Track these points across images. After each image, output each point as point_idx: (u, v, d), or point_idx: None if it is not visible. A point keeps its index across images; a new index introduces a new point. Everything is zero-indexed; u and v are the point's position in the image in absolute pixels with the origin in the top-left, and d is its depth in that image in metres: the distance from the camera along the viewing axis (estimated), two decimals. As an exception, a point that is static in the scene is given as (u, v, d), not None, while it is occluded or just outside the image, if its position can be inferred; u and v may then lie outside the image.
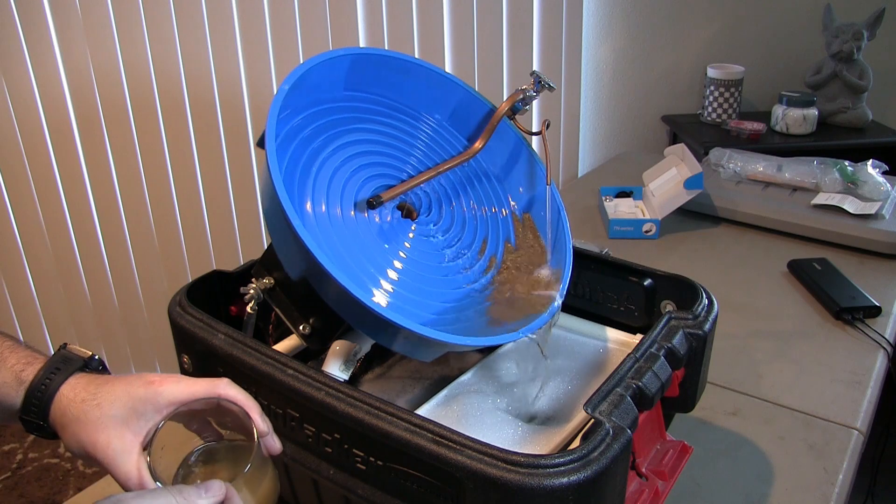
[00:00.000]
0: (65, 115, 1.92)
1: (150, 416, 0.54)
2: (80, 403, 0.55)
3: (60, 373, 0.56)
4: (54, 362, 0.57)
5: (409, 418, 0.55)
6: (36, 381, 0.56)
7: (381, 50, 0.71)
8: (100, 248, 2.10)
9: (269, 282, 0.69)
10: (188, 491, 0.46)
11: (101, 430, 0.53)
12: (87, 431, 0.53)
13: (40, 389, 0.55)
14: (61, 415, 0.55)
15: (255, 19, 1.89)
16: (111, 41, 1.85)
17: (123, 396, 0.55)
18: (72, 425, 0.54)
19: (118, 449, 0.53)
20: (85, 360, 0.59)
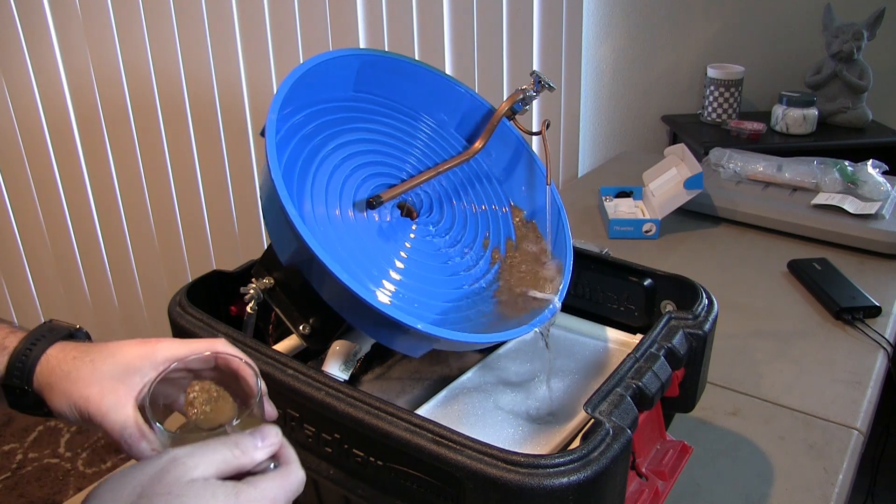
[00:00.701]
0: (65, 115, 1.92)
1: (146, 373, 0.53)
2: (72, 360, 0.53)
3: (45, 339, 0.55)
4: (39, 330, 0.56)
5: (409, 418, 0.55)
6: (20, 346, 0.54)
7: (388, 53, 0.71)
8: (100, 248, 2.10)
9: (269, 282, 0.69)
10: (243, 442, 0.43)
11: (93, 384, 0.52)
12: (78, 387, 0.52)
13: (25, 353, 0.53)
14: (49, 374, 0.53)
15: (255, 19, 1.89)
16: (111, 41, 1.85)
17: (118, 353, 0.53)
18: (61, 383, 0.52)
19: (112, 402, 0.51)
20: (71, 330, 0.57)
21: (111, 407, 0.51)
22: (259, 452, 0.42)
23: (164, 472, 0.38)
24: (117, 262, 2.12)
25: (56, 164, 1.98)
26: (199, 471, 0.38)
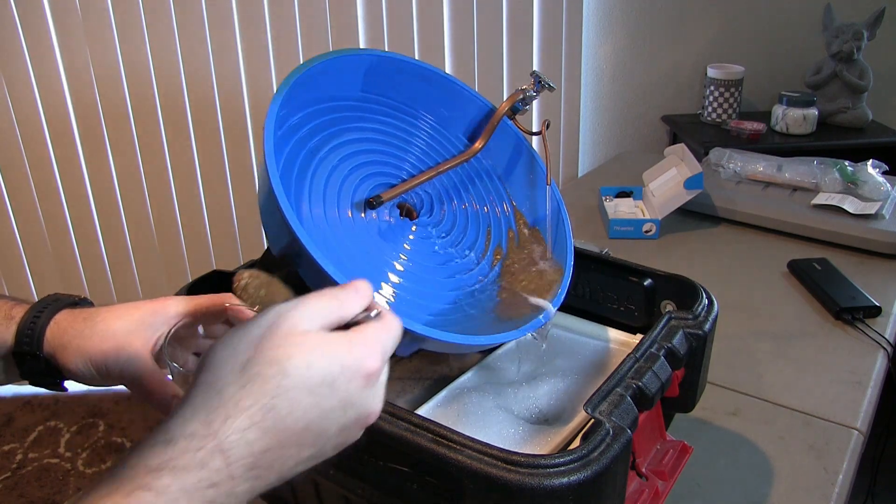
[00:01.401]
0: (65, 115, 1.92)
1: (159, 327, 0.54)
2: (83, 321, 0.54)
3: (52, 307, 0.56)
4: (45, 300, 0.57)
5: (409, 418, 0.55)
6: (28, 314, 0.55)
7: (389, 53, 0.71)
8: (100, 248, 2.10)
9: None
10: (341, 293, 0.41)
11: (108, 339, 0.53)
12: (94, 343, 0.53)
13: (33, 320, 0.54)
14: (60, 336, 0.54)
15: (255, 19, 1.89)
16: (111, 42, 1.85)
17: (131, 310, 0.54)
18: (76, 341, 0.53)
19: (129, 354, 0.52)
20: (75, 299, 0.58)
21: (129, 359, 0.52)
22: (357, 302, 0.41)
23: (274, 328, 0.37)
24: (117, 262, 2.12)
25: (56, 164, 1.97)
26: (306, 323, 0.38)
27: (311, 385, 0.36)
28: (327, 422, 0.37)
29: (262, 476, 0.35)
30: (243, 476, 0.34)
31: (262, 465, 0.35)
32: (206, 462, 0.33)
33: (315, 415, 0.36)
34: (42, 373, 0.55)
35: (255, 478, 0.35)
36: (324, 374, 0.36)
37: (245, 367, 0.36)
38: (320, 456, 0.39)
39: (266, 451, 0.35)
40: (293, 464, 0.37)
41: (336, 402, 0.37)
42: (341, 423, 0.38)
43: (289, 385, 0.35)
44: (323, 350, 0.37)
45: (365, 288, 0.42)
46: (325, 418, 0.37)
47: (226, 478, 0.33)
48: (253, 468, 0.34)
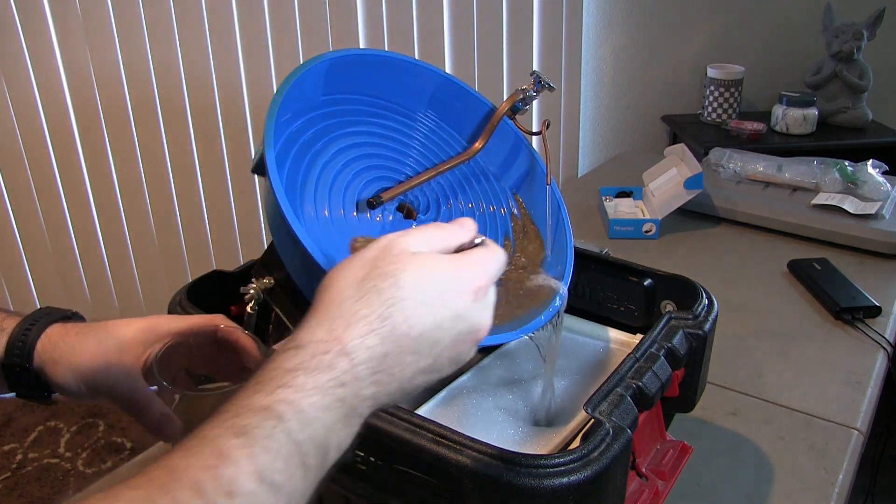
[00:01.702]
0: (65, 116, 1.92)
1: (150, 345, 0.55)
2: (75, 336, 0.54)
3: (44, 320, 0.56)
4: (37, 313, 0.57)
5: (409, 418, 0.55)
6: (19, 327, 0.55)
7: (390, 53, 0.71)
8: (100, 248, 2.10)
9: (269, 282, 0.69)
10: (448, 226, 0.44)
11: (99, 356, 0.53)
12: (84, 360, 0.53)
13: (24, 333, 0.54)
14: (51, 350, 0.54)
15: (255, 20, 1.89)
16: (111, 42, 1.85)
17: (121, 328, 0.55)
18: (66, 357, 0.53)
19: (119, 372, 0.53)
20: (67, 313, 0.58)
21: (119, 375, 0.53)
22: (463, 234, 0.44)
23: (387, 249, 0.40)
24: (117, 262, 2.12)
25: (56, 164, 1.97)
26: (417, 246, 0.41)
27: (423, 297, 0.38)
28: (440, 332, 0.39)
29: (384, 382, 0.38)
30: (367, 378, 0.37)
31: (384, 369, 0.37)
32: (333, 364, 0.36)
33: (428, 324, 0.39)
34: (31, 386, 0.55)
35: (378, 383, 0.37)
36: (435, 287, 0.39)
37: (362, 282, 0.38)
38: (437, 369, 0.40)
39: (385, 357, 0.37)
40: (411, 373, 0.39)
41: (447, 314, 0.39)
42: (453, 334, 0.40)
43: (402, 296, 0.38)
44: (433, 265, 0.40)
45: (470, 223, 0.45)
46: (437, 328, 0.39)
47: (352, 378, 0.36)
48: (375, 372, 0.37)
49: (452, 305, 0.39)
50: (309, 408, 0.34)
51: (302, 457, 0.33)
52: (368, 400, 0.37)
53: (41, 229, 2.03)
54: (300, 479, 0.33)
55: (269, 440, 0.32)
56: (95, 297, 2.15)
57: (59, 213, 2.03)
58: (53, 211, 2.02)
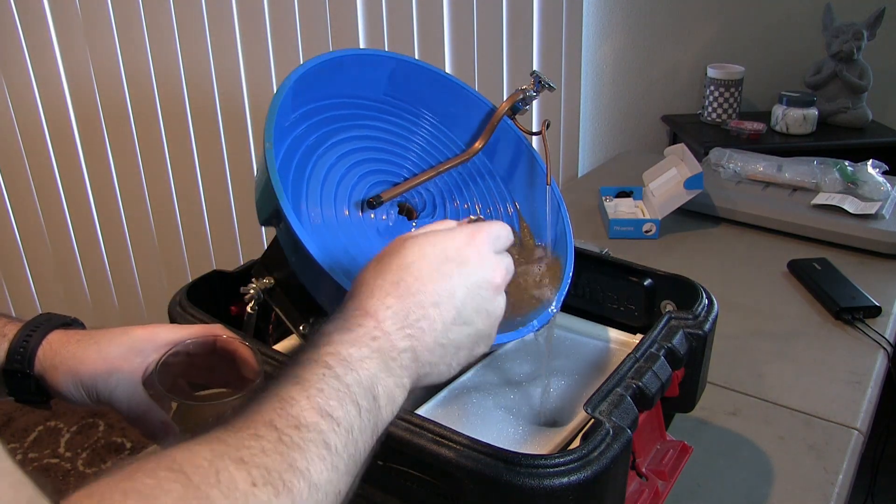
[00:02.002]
0: (65, 115, 1.92)
1: (149, 354, 0.56)
2: (76, 343, 0.55)
3: (45, 327, 0.57)
4: (38, 319, 0.58)
5: (409, 418, 0.55)
6: (21, 333, 0.56)
7: (391, 53, 0.71)
8: (100, 248, 2.10)
9: (269, 282, 0.69)
10: (447, 221, 0.51)
11: (100, 363, 0.54)
12: (85, 366, 0.54)
13: (25, 339, 0.55)
14: (52, 357, 0.55)
15: (255, 19, 1.89)
16: (111, 41, 1.85)
17: (122, 336, 0.56)
18: (67, 363, 0.54)
19: (119, 379, 0.54)
20: (68, 320, 0.59)
21: (119, 383, 0.54)
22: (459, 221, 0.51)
23: (395, 241, 0.47)
24: (117, 262, 2.12)
25: (56, 164, 1.97)
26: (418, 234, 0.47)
27: (427, 259, 0.44)
28: (451, 283, 0.44)
29: (416, 336, 0.43)
30: (397, 333, 0.42)
31: (410, 324, 0.43)
32: (362, 324, 0.42)
33: (438, 278, 0.44)
34: (31, 392, 0.56)
35: (410, 337, 0.43)
36: (435, 249, 0.45)
37: (377, 267, 0.45)
38: (467, 320, 0.45)
39: (408, 313, 0.43)
40: (441, 325, 0.44)
41: (454, 267, 0.45)
42: (467, 285, 0.45)
43: (409, 262, 0.44)
44: (432, 237, 0.46)
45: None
46: (447, 279, 0.44)
47: (382, 334, 0.42)
48: (403, 327, 0.42)
49: (455, 259, 0.45)
50: (349, 357, 0.40)
51: (352, 396, 0.38)
52: (407, 353, 0.42)
53: (41, 229, 2.03)
54: (355, 415, 0.38)
55: (320, 383, 0.38)
56: (95, 297, 2.15)
57: (59, 213, 2.03)
58: (53, 211, 2.02)
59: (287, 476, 0.33)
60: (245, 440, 0.33)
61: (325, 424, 0.36)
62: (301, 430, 0.35)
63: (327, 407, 0.37)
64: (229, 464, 0.32)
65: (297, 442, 0.34)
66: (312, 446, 0.35)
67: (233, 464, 0.32)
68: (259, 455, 0.33)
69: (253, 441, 0.33)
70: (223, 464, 0.32)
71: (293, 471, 0.33)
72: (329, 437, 0.36)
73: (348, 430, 0.37)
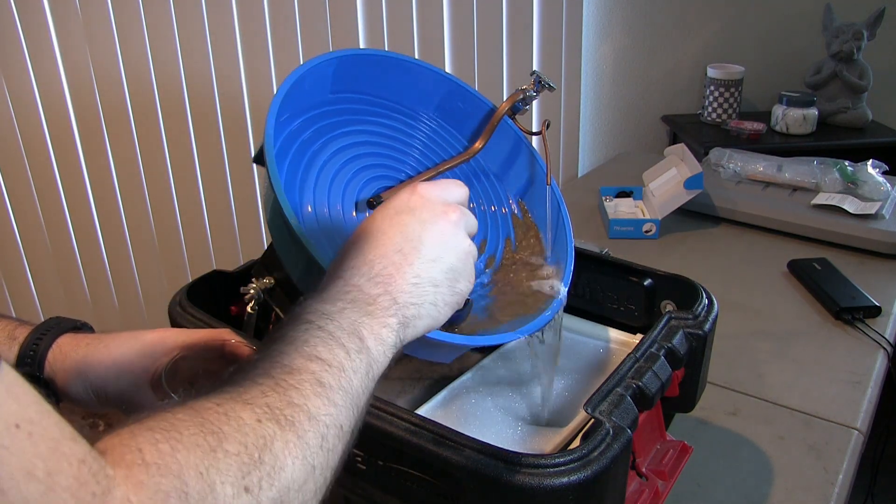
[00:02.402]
0: (65, 115, 1.92)
1: (158, 357, 0.56)
2: (86, 346, 0.56)
3: (55, 330, 0.57)
4: (47, 323, 0.58)
5: (409, 418, 0.55)
6: (31, 337, 0.56)
7: (391, 53, 0.71)
8: (100, 248, 2.10)
9: (269, 282, 0.69)
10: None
11: (109, 366, 0.55)
12: (94, 369, 0.55)
13: (35, 342, 0.56)
14: (62, 360, 0.55)
15: (255, 19, 1.89)
16: (111, 41, 1.85)
17: (131, 339, 0.57)
18: (76, 366, 0.55)
19: (129, 382, 0.55)
20: (77, 323, 0.60)
21: (128, 386, 0.55)
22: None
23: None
24: (117, 262, 2.12)
25: (56, 164, 1.97)
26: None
27: (379, 219, 0.47)
28: (407, 229, 0.46)
29: (387, 281, 0.45)
30: (367, 283, 0.44)
31: (377, 273, 0.45)
32: (332, 285, 0.45)
33: (394, 230, 0.46)
34: (40, 395, 0.56)
35: (380, 283, 0.44)
36: (386, 209, 0.48)
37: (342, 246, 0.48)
38: (435, 258, 0.47)
39: (371, 265, 0.45)
40: (409, 266, 0.45)
41: (405, 216, 0.47)
42: (422, 224, 0.47)
43: (363, 228, 0.47)
44: (380, 206, 0.49)
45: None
46: (403, 227, 0.46)
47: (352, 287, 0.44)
48: (371, 278, 0.45)
49: (405, 209, 0.47)
50: (327, 311, 0.42)
51: (337, 340, 0.41)
52: (382, 296, 0.44)
53: (41, 229, 2.03)
54: (343, 356, 0.41)
55: (305, 335, 0.41)
56: (95, 297, 2.15)
57: (59, 213, 2.03)
58: (53, 211, 2.02)
59: (288, 411, 0.36)
60: (247, 388, 0.37)
61: (316, 366, 0.39)
62: (294, 373, 0.38)
63: (315, 352, 0.40)
64: (235, 405, 0.35)
65: (292, 384, 0.38)
66: (307, 385, 0.38)
67: (238, 405, 0.35)
68: (260, 397, 0.36)
69: (254, 387, 0.37)
70: (230, 405, 0.35)
71: (293, 406, 0.37)
72: (322, 376, 0.39)
73: (340, 369, 0.40)
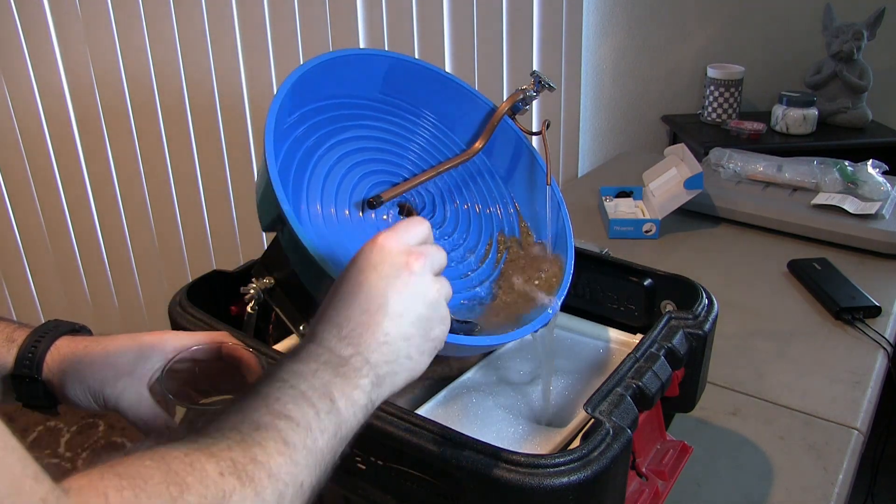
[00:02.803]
0: (65, 115, 1.92)
1: (156, 360, 0.56)
2: (84, 349, 0.56)
3: (53, 333, 0.57)
4: (46, 326, 0.58)
5: (409, 418, 0.55)
6: (29, 339, 0.57)
7: (390, 52, 0.71)
8: (100, 248, 2.10)
9: (269, 282, 0.69)
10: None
11: (107, 368, 0.55)
12: (92, 371, 0.55)
13: (34, 344, 0.56)
14: (60, 362, 0.55)
15: (255, 19, 1.89)
16: (111, 41, 1.85)
17: (129, 342, 0.57)
18: (74, 368, 0.55)
19: (126, 385, 0.55)
20: (75, 326, 0.60)
21: (125, 388, 0.55)
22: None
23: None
24: (117, 262, 2.12)
25: (56, 164, 1.97)
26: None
27: (346, 278, 0.47)
28: (369, 287, 0.46)
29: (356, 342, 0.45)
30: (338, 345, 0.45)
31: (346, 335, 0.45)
32: (306, 346, 0.45)
33: (358, 288, 0.46)
34: (39, 397, 0.57)
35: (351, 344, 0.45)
36: (353, 266, 0.47)
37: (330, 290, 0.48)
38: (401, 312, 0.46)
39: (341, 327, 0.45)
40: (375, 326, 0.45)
41: (367, 273, 0.46)
42: (383, 281, 0.46)
43: (337, 287, 0.47)
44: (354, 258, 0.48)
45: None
46: (365, 285, 0.46)
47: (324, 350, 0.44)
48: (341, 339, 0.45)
49: (365, 266, 0.46)
50: (301, 371, 0.43)
51: (308, 400, 0.42)
52: (354, 357, 0.44)
53: (41, 229, 2.03)
54: (312, 415, 0.41)
55: (277, 393, 0.41)
56: (95, 297, 2.15)
57: (59, 213, 2.03)
58: (53, 211, 2.02)
59: (250, 467, 0.37)
60: (215, 440, 0.38)
61: (283, 424, 0.40)
62: (262, 430, 0.39)
63: (285, 410, 0.41)
64: (201, 456, 0.36)
65: (258, 440, 0.39)
66: (272, 443, 0.39)
67: (204, 456, 0.36)
68: (226, 451, 0.37)
69: (221, 440, 0.38)
70: (196, 456, 0.36)
71: (255, 463, 0.38)
72: (288, 435, 0.40)
73: (306, 429, 0.41)
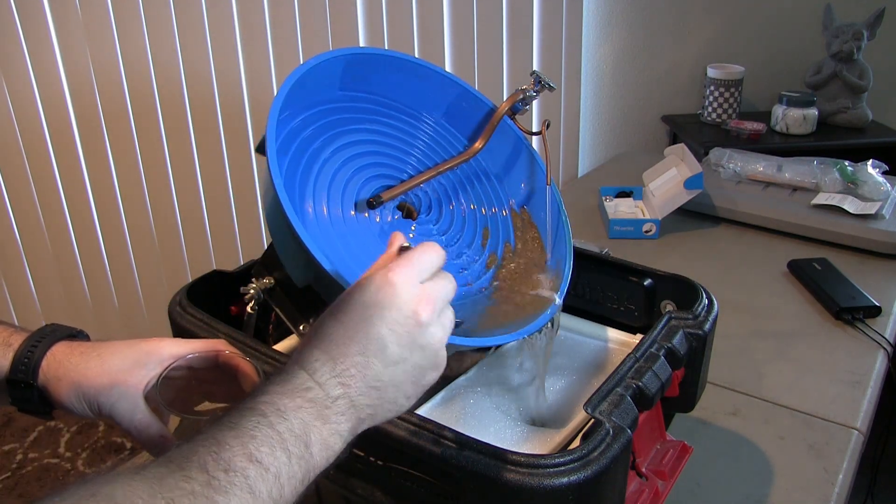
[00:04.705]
0: (65, 115, 1.92)
1: (152, 368, 0.56)
2: (80, 355, 0.56)
3: (49, 338, 0.57)
4: (43, 330, 0.58)
5: (409, 418, 0.55)
6: (25, 343, 0.56)
7: (381, 50, 0.71)
8: (100, 248, 2.10)
9: (269, 282, 0.69)
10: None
11: (103, 376, 0.55)
12: (88, 378, 0.54)
13: (30, 349, 0.56)
14: (56, 368, 0.55)
15: (255, 19, 1.89)
16: (111, 41, 1.85)
17: (125, 349, 0.56)
18: (70, 375, 0.55)
19: (121, 392, 0.55)
20: (73, 331, 0.60)
21: (121, 396, 0.55)
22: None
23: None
24: (117, 262, 2.12)
25: (56, 164, 1.97)
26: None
27: (350, 308, 0.45)
28: (374, 329, 0.44)
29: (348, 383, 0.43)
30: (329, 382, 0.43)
31: (339, 373, 0.43)
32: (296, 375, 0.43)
33: (361, 326, 0.44)
34: (34, 402, 0.57)
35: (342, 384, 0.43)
36: (359, 296, 0.45)
37: (326, 314, 0.47)
38: (398, 360, 0.45)
39: (335, 364, 0.44)
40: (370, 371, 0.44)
41: (374, 311, 0.44)
42: (388, 326, 0.44)
43: (336, 314, 0.45)
44: (359, 284, 0.46)
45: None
46: (370, 326, 0.44)
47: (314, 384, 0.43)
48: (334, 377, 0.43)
49: (374, 304, 0.45)
50: (283, 407, 0.41)
51: (283, 443, 0.40)
52: (341, 399, 0.43)
53: (41, 229, 2.03)
54: (284, 461, 0.40)
55: (254, 430, 0.40)
56: (95, 297, 2.15)
57: (60, 213, 2.03)
58: (53, 211, 2.02)
59: None
60: (178, 482, 0.37)
61: (253, 470, 0.39)
62: (229, 473, 0.38)
63: (257, 453, 0.39)
64: (161, 503, 0.35)
65: (223, 485, 0.37)
66: (237, 490, 0.38)
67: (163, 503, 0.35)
68: (188, 497, 0.36)
69: (185, 483, 0.36)
70: (154, 502, 0.35)
71: None
72: (255, 482, 0.39)
73: (276, 476, 0.40)
